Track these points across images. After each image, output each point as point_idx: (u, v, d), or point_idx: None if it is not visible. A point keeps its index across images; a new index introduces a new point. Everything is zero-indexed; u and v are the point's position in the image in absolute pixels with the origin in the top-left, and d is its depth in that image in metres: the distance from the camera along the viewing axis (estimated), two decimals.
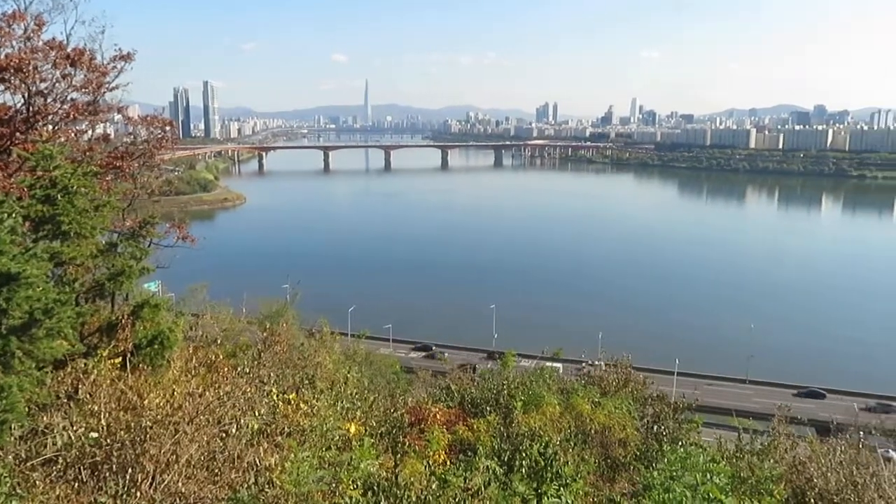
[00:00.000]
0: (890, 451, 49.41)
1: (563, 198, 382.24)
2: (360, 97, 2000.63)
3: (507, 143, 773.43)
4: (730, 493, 12.25)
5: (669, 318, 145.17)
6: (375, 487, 10.71)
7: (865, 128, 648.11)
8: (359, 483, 10.78)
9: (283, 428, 11.79)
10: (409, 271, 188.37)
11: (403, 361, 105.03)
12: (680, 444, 17.16)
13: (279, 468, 10.19)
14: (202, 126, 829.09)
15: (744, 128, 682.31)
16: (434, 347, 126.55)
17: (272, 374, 14.04)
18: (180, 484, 9.47)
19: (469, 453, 14.33)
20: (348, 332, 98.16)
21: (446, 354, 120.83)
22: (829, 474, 16.96)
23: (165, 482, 9.37)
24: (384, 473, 11.47)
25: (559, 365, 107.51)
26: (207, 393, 11.47)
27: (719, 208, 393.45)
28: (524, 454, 13.59)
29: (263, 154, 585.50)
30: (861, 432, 30.20)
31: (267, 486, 9.92)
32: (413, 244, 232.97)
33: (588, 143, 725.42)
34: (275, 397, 12.64)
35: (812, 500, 15.65)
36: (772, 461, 16.95)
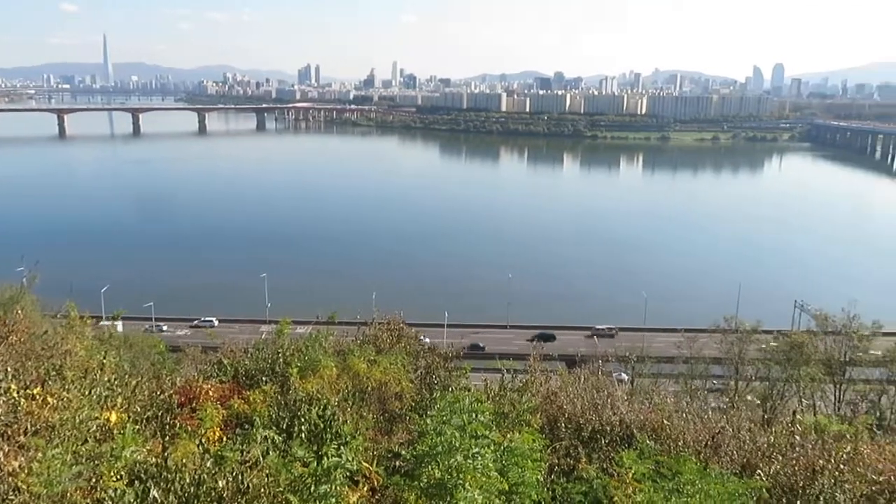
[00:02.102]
0: (622, 373, 57.58)
1: (329, 162, 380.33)
2: (98, 54, 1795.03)
3: (270, 105, 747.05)
4: (493, 428, 13.41)
5: (438, 274, 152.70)
6: (143, 475, 10.04)
7: (596, 93, 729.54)
8: (123, 473, 10.02)
9: (28, 426, 10.50)
10: (168, 245, 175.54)
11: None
12: (450, 390, 18.32)
13: (25, 471, 9.10)
14: None
15: (496, 92, 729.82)
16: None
17: (9, 369, 12.37)
18: None
19: (246, 426, 13.97)
20: (102, 315, 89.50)
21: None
22: (575, 400, 19.29)
23: None
24: (153, 459, 10.77)
25: (301, 330, 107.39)
26: None
27: (477, 168, 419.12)
28: (303, 419, 13.61)
29: None
30: (601, 360, 34.65)
31: (11, 493, 8.83)
32: (171, 215, 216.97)
33: (352, 106, 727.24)
34: (14, 394, 11.18)
35: (562, 424, 17.70)
36: (529, 395, 18.78)
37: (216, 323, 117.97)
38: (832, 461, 15.72)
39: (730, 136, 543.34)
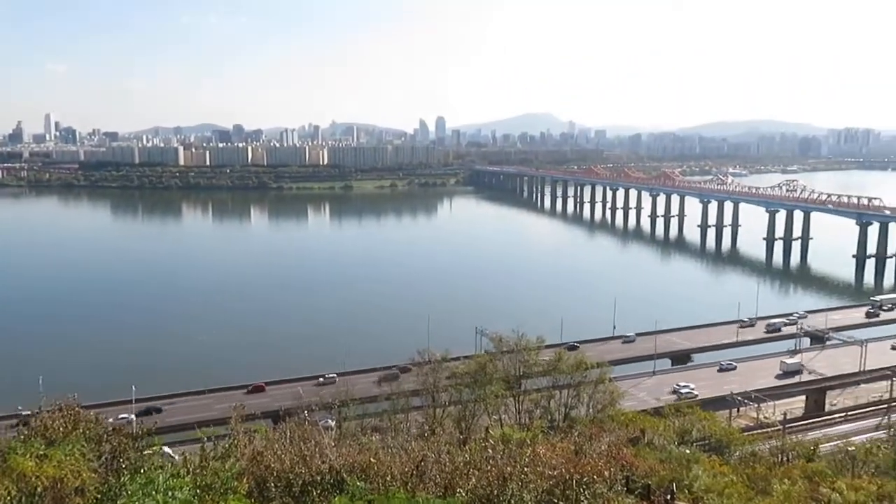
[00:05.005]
0: (328, 420, 57.82)
1: None
2: None
3: None
4: (195, 503, 12.48)
5: (118, 345, 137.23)
6: None
7: (278, 145, 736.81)
8: None
9: None
10: None
11: None
12: (142, 471, 16.58)
13: None
14: None
15: (171, 145, 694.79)
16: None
17: None
18: None
19: None
20: None
21: None
22: (283, 456, 18.83)
23: None
24: None
25: None
26: None
27: (156, 226, 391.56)
28: None
29: None
30: (306, 412, 34.48)
31: None
32: None
33: None
34: None
35: (272, 484, 17.14)
36: (233, 460, 17.84)
37: None
38: (518, 466, 17.78)
39: (406, 183, 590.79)
